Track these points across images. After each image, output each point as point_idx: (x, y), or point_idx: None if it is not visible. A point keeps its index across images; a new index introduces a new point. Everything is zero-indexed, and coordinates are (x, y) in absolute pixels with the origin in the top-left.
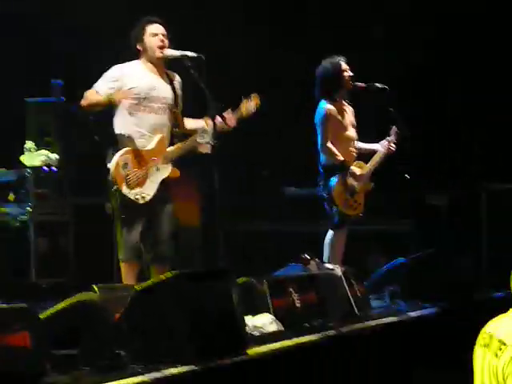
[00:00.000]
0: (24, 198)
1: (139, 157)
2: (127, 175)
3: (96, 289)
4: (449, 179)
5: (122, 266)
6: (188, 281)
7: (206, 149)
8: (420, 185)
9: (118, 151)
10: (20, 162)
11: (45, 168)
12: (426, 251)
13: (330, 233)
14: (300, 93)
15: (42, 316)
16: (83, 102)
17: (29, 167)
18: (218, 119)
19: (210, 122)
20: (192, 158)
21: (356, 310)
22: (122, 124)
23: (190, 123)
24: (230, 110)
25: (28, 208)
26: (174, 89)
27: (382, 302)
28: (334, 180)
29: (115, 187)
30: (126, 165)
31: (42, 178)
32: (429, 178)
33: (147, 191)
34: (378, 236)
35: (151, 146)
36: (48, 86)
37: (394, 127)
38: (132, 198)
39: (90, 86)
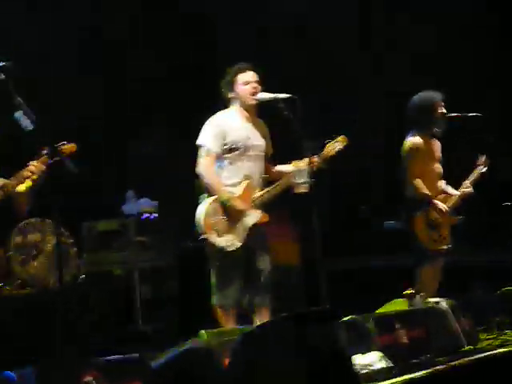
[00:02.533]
0: (126, 245)
1: (221, 204)
2: (215, 223)
3: (204, 334)
4: None
5: (218, 311)
6: (294, 323)
7: (303, 188)
8: None
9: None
10: (121, 210)
11: (145, 215)
12: None
13: (419, 267)
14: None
15: (153, 364)
16: (205, 175)
17: (129, 215)
18: (314, 158)
19: (304, 161)
20: (290, 198)
21: (465, 343)
22: (217, 173)
23: (277, 168)
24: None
25: (130, 255)
26: (265, 135)
27: (491, 334)
28: (416, 214)
29: (203, 236)
30: (214, 213)
31: (143, 226)
32: None
33: (236, 238)
34: (483, 266)
35: (238, 192)
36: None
37: (483, 157)
38: (221, 245)
39: None
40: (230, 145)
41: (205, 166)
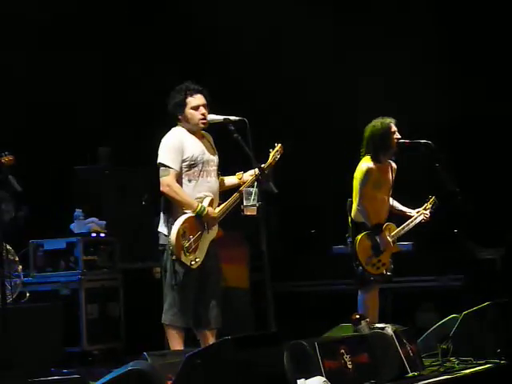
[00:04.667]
0: (74, 265)
1: (195, 222)
2: (185, 243)
3: (147, 356)
4: (504, 231)
5: (170, 331)
6: (239, 346)
7: (252, 211)
8: (472, 239)
9: (173, 218)
10: (69, 229)
11: (93, 235)
12: (480, 306)
13: (360, 292)
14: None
15: None
16: (172, 192)
17: (78, 234)
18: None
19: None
20: (241, 220)
21: (409, 370)
22: None
23: (227, 181)
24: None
25: (78, 275)
26: (214, 149)
27: (435, 361)
28: (360, 237)
29: (175, 257)
30: (184, 233)
31: (91, 245)
32: (481, 231)
33: (199, 255)
34: (428, 293)
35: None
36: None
37: (432, 197)
38: (188, 263)
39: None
40: (188, 161)
41: (170, 183)
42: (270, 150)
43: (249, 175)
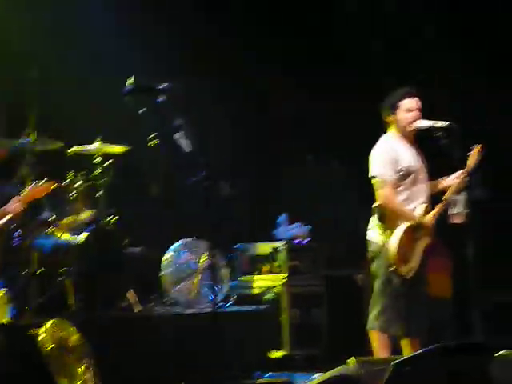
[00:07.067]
0: (277, 270)
1: (412, 232)
2: (403, 254)
3: (354, 362)
4: None
5: (378, 338)
6: (447, 354)
7: (458, 219)
8: None
9: (389, 227)
10: (273, 234)
11: (297, 240)
12: None
13: None
14: None
15: None
16: (391, 204)
17: (282, 240)
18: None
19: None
20: (445, 228)
21: None
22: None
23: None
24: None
25: (282, 280)
26: (423, 158)
27: None
28: None
29: (393, 266)
30: (402, 244)
31: (295, 251)
32: None
33: (414, 264)
34: None
35: (420, 215)
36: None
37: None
38: (403, 273)
39: None
40: (404, 171)
41: (388, 196)
42: (468, 154)
43: (451, 180)
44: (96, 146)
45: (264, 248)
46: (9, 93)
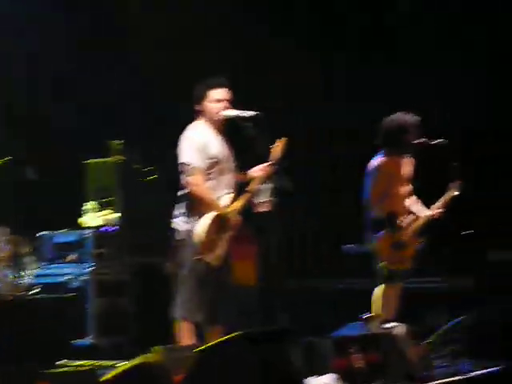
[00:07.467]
0: (84, 258)
1: (218, 221)
2: (208, 241)
3: (159, 350)
4: None
5: (181, 326)
6: (250, 341)
7: (264, 207)
8: (484, 240)
9: (195, 216)
10: (81, 222)
11: (104, 228)
12: (489, 308)
13: (379, 287)
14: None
15: (103, 379)
16: (199, 193)
17: (89, 227)
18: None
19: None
20: (252, 216)
21: (418, 370)
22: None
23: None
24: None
25: (88, 268)
26: (230, 148)
27: (445, 362)
28: (379, 235)
29: (197, 254)
30: (208, 232)
31: (102, 238)
32: (494, 232)
33: (219, 253)
34: (439, 293)
35: (226, 205)
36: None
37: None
38: (209, 261)
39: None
40: (212, 160)
41: (197, 183)
42: (271, 146)
43: (257, 171)
44: None
45: (70, 235)
46: None
